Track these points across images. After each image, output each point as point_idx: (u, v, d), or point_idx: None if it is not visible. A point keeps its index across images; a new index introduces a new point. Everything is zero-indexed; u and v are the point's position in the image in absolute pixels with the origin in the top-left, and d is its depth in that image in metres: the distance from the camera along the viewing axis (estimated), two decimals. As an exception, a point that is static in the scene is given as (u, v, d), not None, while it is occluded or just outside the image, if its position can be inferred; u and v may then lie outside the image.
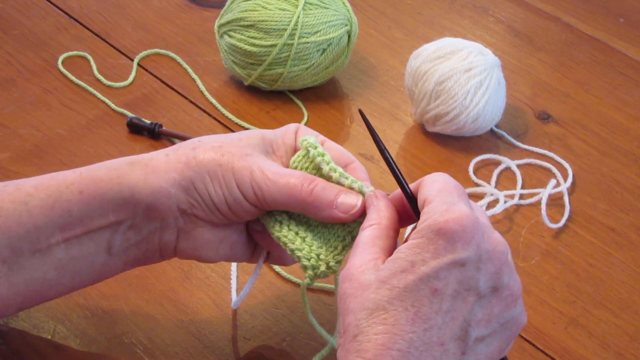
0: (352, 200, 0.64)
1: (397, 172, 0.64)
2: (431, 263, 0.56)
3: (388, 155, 0.65)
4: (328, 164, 0.66)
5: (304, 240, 0.66)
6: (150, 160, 0.66)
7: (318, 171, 0.66)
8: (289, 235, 0.66)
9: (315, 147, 0.66)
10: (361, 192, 0.64)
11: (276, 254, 0.71)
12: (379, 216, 0.62)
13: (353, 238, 0.64)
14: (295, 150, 0.68)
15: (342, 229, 0.66)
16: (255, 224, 0.69)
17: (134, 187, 0.64)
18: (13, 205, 0.64)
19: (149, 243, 0.67)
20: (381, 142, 0.66)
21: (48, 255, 0.65)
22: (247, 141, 0.67)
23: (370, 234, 0.61)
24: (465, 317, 0.57)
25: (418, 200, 0.61)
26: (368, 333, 0.56)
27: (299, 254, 0.65)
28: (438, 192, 0.59)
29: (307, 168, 0.67)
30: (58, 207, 0.64)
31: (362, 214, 0.64)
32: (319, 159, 0.66)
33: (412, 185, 0.63)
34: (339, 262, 0.65)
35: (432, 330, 0.56)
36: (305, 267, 0.65)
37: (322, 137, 0.69)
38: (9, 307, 0.66)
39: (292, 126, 0.70)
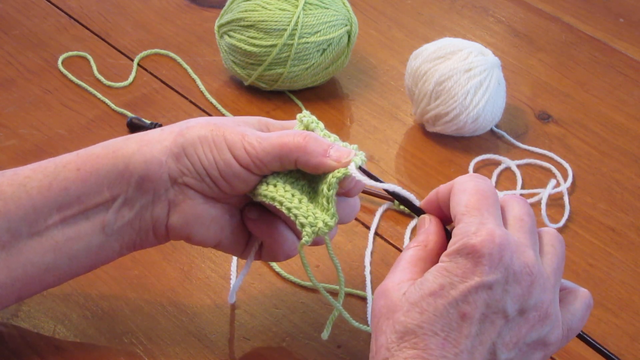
0: (344, 150, 0.65)
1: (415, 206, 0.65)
2: (460, 287, 0.56)
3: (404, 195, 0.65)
4: (322, 130, 0.68)
5: (300, 201, 0.66)
6: (145, 134, 0.68)
7: None
8: (286, 195, 0.66)
9: (309, 116, 0.68)
10: (349, 156, 0.65)
11: (268, 245, 0.70)
12: (427, 239, 0.62)
13: (329, 187, 0.65)
14: None
15: (322, 183, 0.66)
16: (249, 212, 0.69)
17: (128, 159, 0.66)
18: (11, 189, 0.65)
19: (142, 220, 0.67)
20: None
21: (45, 237, 0.66)
22: (243, 119, 0.69)
23: (415, 254, 0.61)
24: (493, 340, 0.57)
25: (451, 212, 0.61)
26: (399, 357, 0.56)
27: (296, 212, 0.65)
28: (466, 208, 0.59)
29: None
30: (55, 186, 0.65)
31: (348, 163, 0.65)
32: (313, 125, 0.68)
33: (443, 187, 0.63)
34: (333, 216, 0.65)
35: (462, 354, 0.56)
36: (302, 225, 0.64)
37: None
38: (8, 295, 0.66)
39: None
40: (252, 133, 0.66)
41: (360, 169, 0.65)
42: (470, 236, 0.57)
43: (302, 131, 0.66)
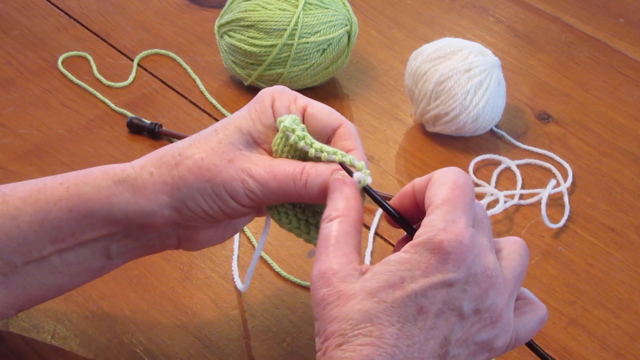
0: (323, 169, 0.63)
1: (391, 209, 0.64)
2: (421, 281, 0.56)
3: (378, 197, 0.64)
4: (312, 145, 0.64)
5: (316, 227, 0.66)
6: (135, 180, 0.64)
7: (304, 153, 0.64)
8: (301, 227, 0.66)
9: (294, 131, 0.64)
10: (352, 165, 0.62)
11: None
12: (348, 206, 0.60)
13: None
14: (277, 128, 0.65)
15: None
16: None
17: (125, 210, 0.64)
18: (1, 220, 0.63)
19: (149, 247, 0.67)
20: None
21: (43, 263, 0.64)
22: (227, 140, 0.64)
23: (341, 229, 0.59)
24: (446, 336, 0.57)
25: (425, 199, 0.60)
26: (353, 343, 0.56)
27: (315, 242, 0.64)
28: (442, 201, 0.58)
29: (289, 153, 0.65)
30: (47, 223, 0.63)
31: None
32: (301, 143, 0.64)
33: (420, 180, 0.62)
34: None
35: (414, 346, 0.56)
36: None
37: (302, 102, 0.66)
38: (9, 310, 0.66)
39: (266, 100, 0.65)
40: (248, 175, 0.63)
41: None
42: (439, 231, 0.57)
43: (299, 170, 0.63)
